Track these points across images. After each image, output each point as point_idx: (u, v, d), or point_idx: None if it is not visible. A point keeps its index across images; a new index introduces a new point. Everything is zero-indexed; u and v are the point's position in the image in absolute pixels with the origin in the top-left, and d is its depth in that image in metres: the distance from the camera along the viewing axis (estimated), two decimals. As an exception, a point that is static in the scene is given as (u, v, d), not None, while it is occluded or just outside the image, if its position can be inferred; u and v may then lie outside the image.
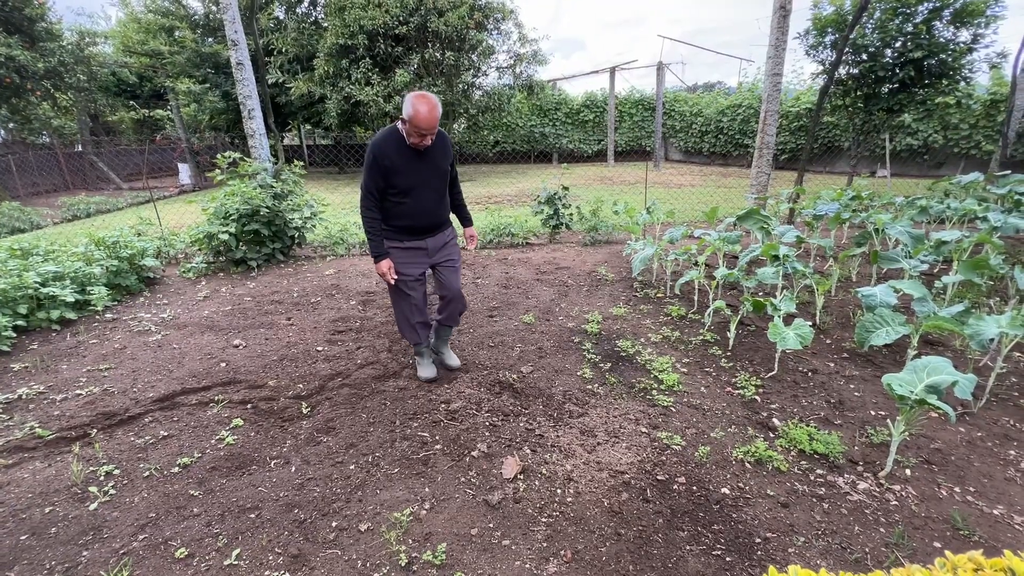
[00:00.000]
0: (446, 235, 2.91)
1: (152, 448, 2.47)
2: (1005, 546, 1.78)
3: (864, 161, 12.70)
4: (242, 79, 6.12)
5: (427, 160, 2.63)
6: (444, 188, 2.79)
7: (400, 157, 2.55)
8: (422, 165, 2.62)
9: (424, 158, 2.61)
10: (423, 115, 2.39)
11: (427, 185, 2.67)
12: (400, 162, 2.56)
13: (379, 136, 2.58)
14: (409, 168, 2.58)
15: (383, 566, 1.78)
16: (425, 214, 2.72)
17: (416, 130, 2.44)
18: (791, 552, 1.80)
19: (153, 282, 5.24)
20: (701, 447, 2.39)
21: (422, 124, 2.41)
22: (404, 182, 2.59)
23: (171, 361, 3.43)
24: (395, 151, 2.54)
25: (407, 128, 2.48)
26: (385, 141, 2.55)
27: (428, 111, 2.39)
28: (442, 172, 2.72)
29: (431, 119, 2.41)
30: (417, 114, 2.39)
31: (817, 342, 3.49)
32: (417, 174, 2.61)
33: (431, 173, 2.66)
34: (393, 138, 2.56)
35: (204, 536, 1.92)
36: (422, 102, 2.39)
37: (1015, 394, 2.79)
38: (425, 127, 2.42)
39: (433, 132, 2.50)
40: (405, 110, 2.44)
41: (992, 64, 7.89)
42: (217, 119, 16.76)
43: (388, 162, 2.54)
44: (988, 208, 5.08)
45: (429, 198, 2.70)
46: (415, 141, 2.51)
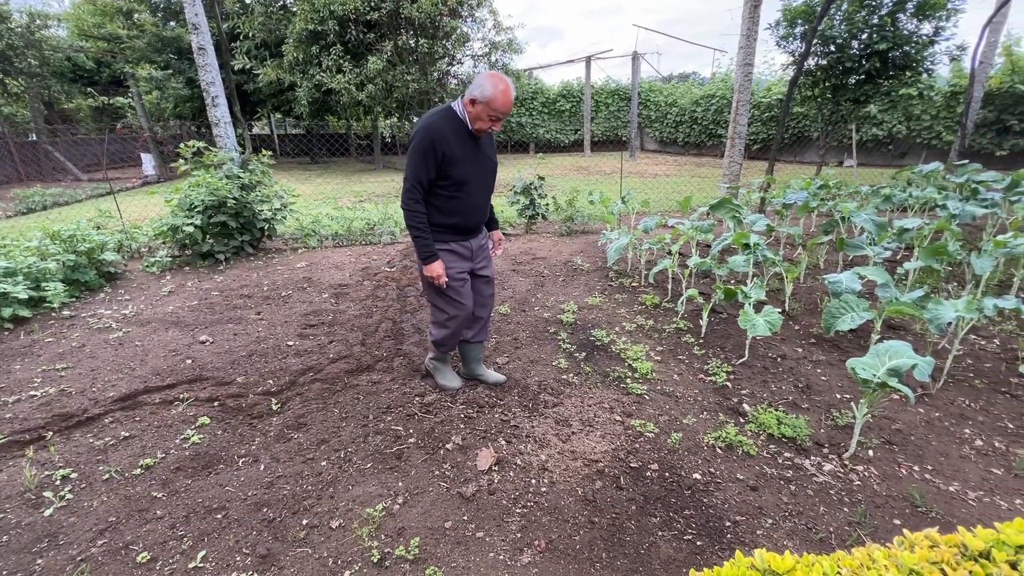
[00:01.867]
0: (483, 236, 2.64)
1: (112, 450, 2.38)
2: (960, 521, 1.86)
3: (832, 151, 13.03)
4: (204, 65, 5.88)
5: (483, 150, 2.37)
6: (493, 184, 2.52)
7: (460, 144, 2.25)
8: (478, 154, 2.34)
9: (480, 147, 2.35)
10: (505, 96, 2.13)
11: (482, 178, 2.40)
12: (459, 150, 2.25)
13: (434, 118, 2.23)
14: (467, 157, 2.28)
15: (355, 563, 1.75)
16: (477, 211, 2.44)
17: (494, 113, 2.18)
18: (759, 534, 1.84)
19: (114, 277, 5.03)
20: (674, 434, 2.42)
21: (501, 107, 2.15)
22: (461, 173, 2.28)
23: (133, 359, 3.30)
24: (455, 136, 2.23)
25: (478, 111, 2.19)
26: (444, 123, 2.22)
27: (508, 92, 2.14)
28: (494, 164, 2.48)
29: (510, 102, 2.17)
30: (498, 95, 2.12)
31: (786, 328, 3.57)
32: (474, 165, 2.33)
33: (487, 165, 2.41)
34: (453, 121, 2.25)
35: (168, 539, 1.86)
36: (502, 81, 2.13)
37: (971, 375, 2.90)
38: (504, 110, 2.17)
39: (505, 115, 2.23)
40: (479, 90, 2.16)
41: (952, 57, 8.13)
42: (181, 107, 16.12)
43: (447, 149, 2.21)
44: (947, 196, 5.26)
45: (482, 193, 2.43)
46: (483, 126, 2.23)
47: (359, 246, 6.19)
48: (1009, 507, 1.94)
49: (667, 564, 1.72)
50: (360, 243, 6.31)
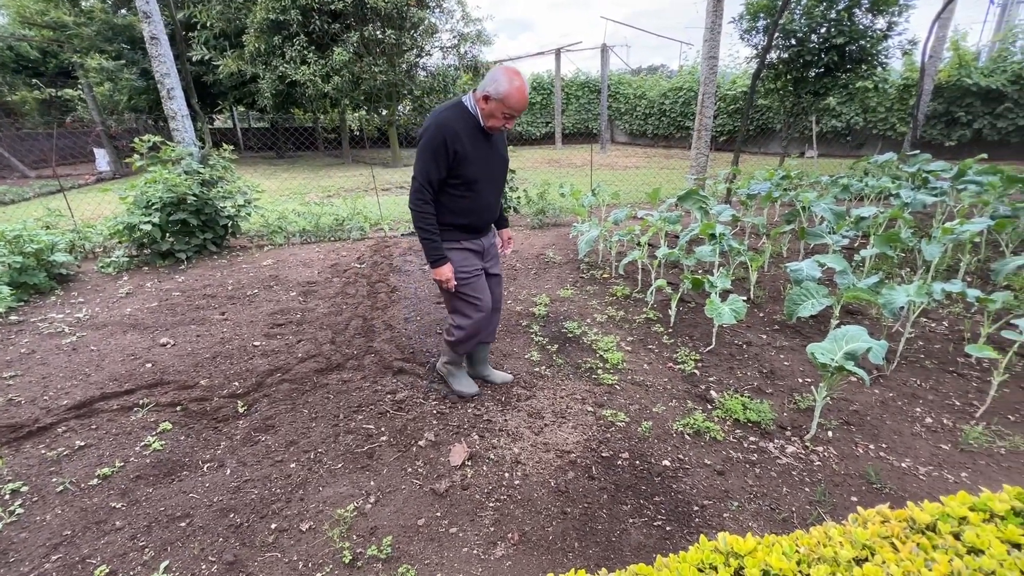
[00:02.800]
0: (492, 234, 2.58)
1: (67, 460, 2.28)
2: (911, 496, 1.95)
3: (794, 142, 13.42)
4: (158, 55, 5.62)
5: (495, 147, 2.28)
6: (504, 182, 2.48)
7: (472, 142, 2.16)
8: (490, 152, 2.26)
9: (492, 145, 2.27)
10: (520, 93, 2.03)
11: (493, 177, 2.32)
12: (471, 148, 2.16)
13: (446, 114, 2.13)
14: (479, 156, 2.20)
15: (326, 565, 1.72)
16: (488, 209, 2.36)
17: (508, 111, 2.08)
18: (726, 517, 1.90)
19: (66, 279, 4.79)
20: (644, 422, 2.47)
21: (516, 105, 2.05)
22: (472, 172, 2.19)
23: (88, 364, 3.16)
24: (468, 133, 2.14)
25: (491, 108, 2.10)
26: (456, 120, 2.12)
27: (524, 89, 2.04)
28: (505, 161, 2.41)
29: (526, 100, 2.07)
30: (513, 91, 2.02)
31: (751, 316, 3.67)
32: (486, 163, 2.24)
33: (498, 162, 2.33)
34: (465, 118, 2.15)
35: (128, 550, 1.80)
36: (518, 77, 2.03)
37: (921, 356, 3.05)
38: (519, 108, 2.07)
39: (520, 114, 2.14)
40: (493, 86, 2.05)
41: (904, 51, 8.45)
42: (137, 99, 15.39)
43: (460, 147, 2.12)
44: (900, 186, 5.48)
45: (493, 192, 2.35)
46: (496, 124, 2.14)
47: (328, 242, 6.07)
48: (956, 480, 2.05)
49: (637, 550, 1.75)
50: (329, 239, 6.18)
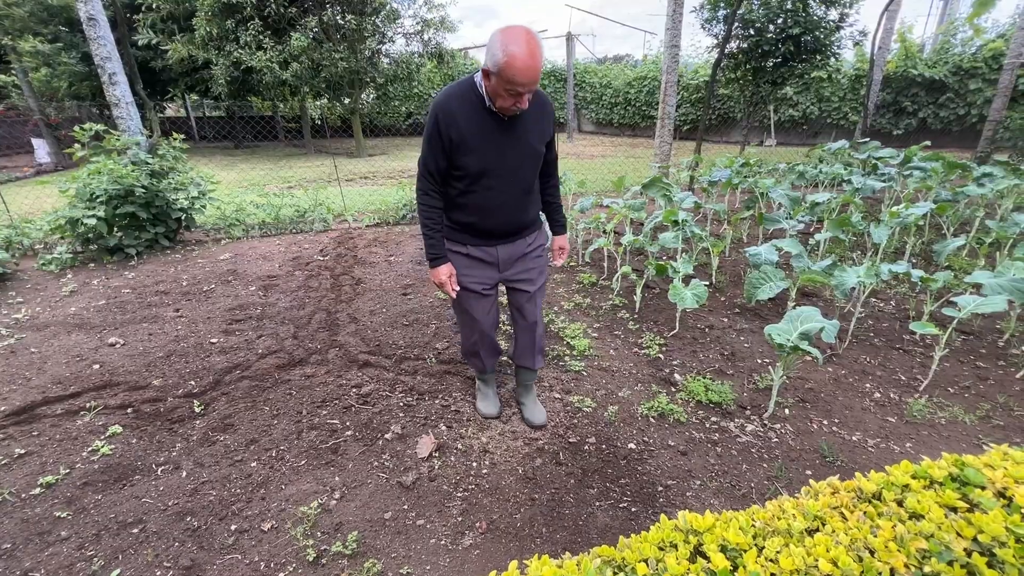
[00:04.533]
0: (528, 242, 2.06)
1: (5, 470, 2.14)
2: (860, 467, 2.05)
3: (754, 131, 13.80)
4: (97, 38, 5.27)
5: (515, 133, 1.79)
6: (534, 177, 1.92)
7: (474, 125, 1.75)
8: (505, 140, 1.79)
9: (510, 130, 1.79)
10: (521, 61, 1.53)
11: (510, 170, 1.83)
12: (474, 132, 1.75)
13: (445, 94, 1.76)
14: (486, 142, 1.77)
15: (288, 564, 1.68)
16: (501, 212, 1.91)
17: (509, 86, 1.59)
18: (689, 496, 1.95)
19: (3, 278, 4.48)
20: (610, 407, 2.50)
21: (519, 76, 1.55)
22: (476, 162, 1.79)
23: (29, 368, 2.97)
24: (467, 115, 1.73)
25: (493, 85, 1.64)
26: (453, 99, 1.74)
27: (528, 55, 1.53)
28: (534, 153, 1.86)
29: (532, 68, 1.56)
30: (512, 60, 1.53)
31: (713, 300, 3.76)
32: (497, 152, 1.79)
33: (519, 153, 1.82)
34: (467, 96, 1.74)
35: (75, 561, 1.70)
36: (517, 40, 1.53)
37: (871, 335, 3.20)
38: (523, 80, 1.57)
39: (532, 89, 1.63)
40: (489, 57, 1.60)
41: (856, 41, 8.78)
42: (78, 86, 14.44)
43: (455, 132, 1.74)
44: (852, 172, 5.71)
45: (510, 190, 1.87)
46: (505, 105, 1.66)
47: (289, 235, 5.88)
48: (901, 450, 2.17)
49: (604, 532, 1.78)
50: (290, 232, 5.99)
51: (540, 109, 1.85)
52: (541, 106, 1.86)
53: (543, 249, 2.17)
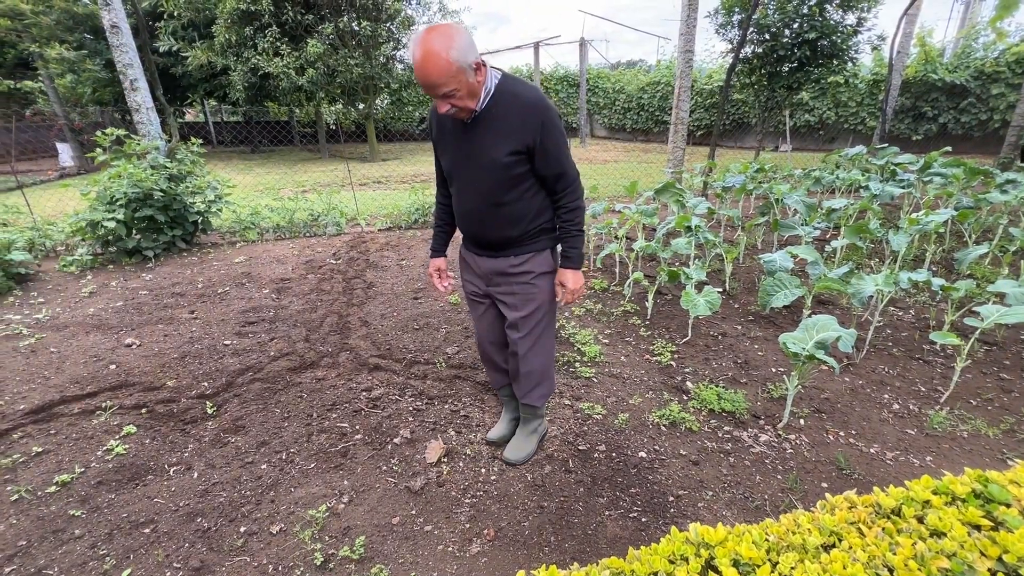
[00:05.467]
0: (513, 263, 1.83)
1: (23, 468, 2.18)
2: (879, 481, 2.00)
3: (769, 136, 13.65)
4: (119, 45, 5.40)
5: (474, 139, 1.65)
6: (503, 190, 1.69)
7: (446, 125, 1.71)
8: (465, 145, 1.68)
9: (470, 136, 1.65)
10: (414, 62, 1.47)
11: (468, 178, 1.73)
12: (445, 132, 1.73)
13: None
14: (454, 147, 1.72)
15: (296, 568, 1.68)
16: (468, 220, 1.83)
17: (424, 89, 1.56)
18: (700, 506, 1.91)
19: (25, 279, 4.59)
20: (620, 414, 2.47)
21: (416, 76, 1.49)
22: (446, 164, 1.78)
23: (48, 367, 3.03)
24: (447, 118, 1.67)
25: None
26: None
27: (417, 57, 1.45)
28: (492, 164, 1.64)
29: (419, 71, 1.46)
30: (413, 59, 1.48)
31: (726, 307, 3.71)
32: (461, 159, 1.71)
33: (476, 162, 1.67)
34: None
35: (88, 559, 1.72)
36: (414, 43, 1.47)
37: (889, 344, 3.12)
38: (421, 83, 1.49)
39: (436, 91, 1.49)
40: None
41: (874, 46, 8.65)
42: (101, 92, 14.82)
43: (435, 129, 1.77)
44: (870, 178, 5.61)
45: (473, 199, 1.75)
46: (439, 106, 1.56)
47: (302, 238, 5.94)
48: (921, 464, 2.11)
49: (613, 542, 1.75)
50: (304, 235, 6.06)
51: (520, 117, 1.59)
52: (522, 114, 1.59)
53: (537, 278, 1.85)
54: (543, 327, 1.95)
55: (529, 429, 2.22)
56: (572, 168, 1.72)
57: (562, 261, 1.85)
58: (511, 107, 1.59)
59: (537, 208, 1.77)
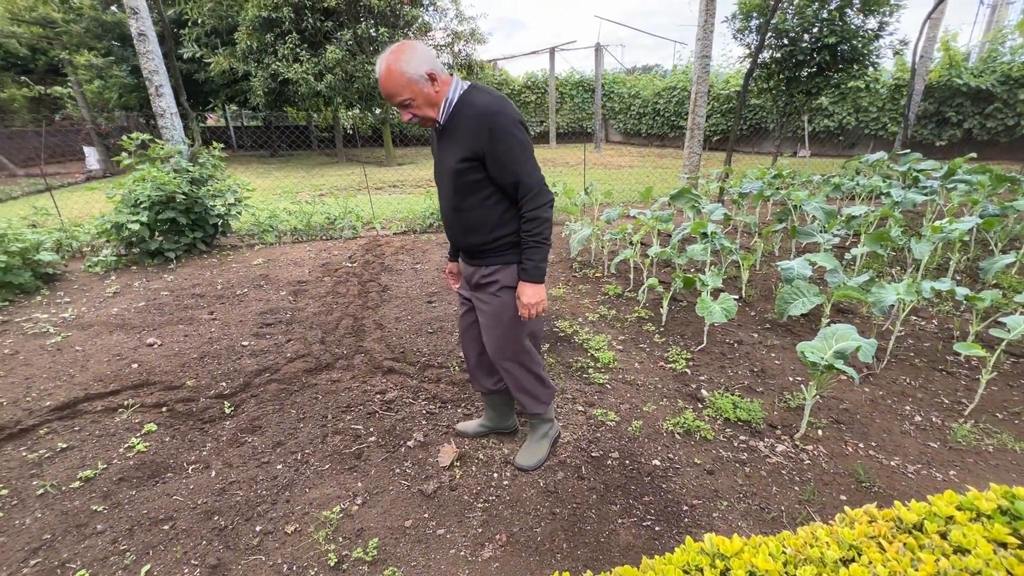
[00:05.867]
0: (482, 272, 1.86)
1: (48, 463, 2.24)
2: (900, 495, 1.95)
3: (787, 142, 13.48)
4: (146, 52, 5.55)
5: (442, 148, 1.75)
6: (460, 198, 1.74)
7: (433, 135, 1.84)
8: (438, 153, 1.80)
9: (441, 144, 1.76)
10: (377, 75, 1.61)
11: (439, 185, 1.85)
12: (433, 142, 1.87)
13: None
14: (434, 154, 1.86)
15: (310, 568, 1.70)
16: (445, 220, 1.89)
17: None
18: (715, 517, 1.89)
19: (52, 279, 4.72)
20: (634, 421, 2.46)
21: (379, 88, 1.64)
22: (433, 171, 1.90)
23: (73, 365, 3.11)
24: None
25: None
26: None
27: (378, 68, 1.60)
28: (450, 170, 1.70)
29: (380, 80, 1.59)
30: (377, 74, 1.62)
31: (742, 314, 3.67)
32: (435, 164, 1.85)
33: (440, 169, 1.79)
34: None
35: (109, 554, 1.76)
36: (379, 57, 1.60)
37: (911, 355, 3.06)
38: (381, 92, 1.65)
39: (393, 100, 1.62)
40: None
41: (895, 51, 8.50)
42: (127, 97, 15.23)
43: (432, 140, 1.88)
44: (891, 185, 5.51)
45: (442, 204, 1.86)
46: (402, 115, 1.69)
47: (319, 241, 6.02)
48: (944, 479, 2.05)
49: (626, 551, 1.74)
50: (320, 238, 6.14)
51: (470, 125, 1.64)
52: (472, 122, 1.63)
53: (502, 290, 1.84)
54: (514, 343, 1.94)
55: (538, 435, 2.21)
56: (530, 176, 1.68)
57: (519, 273, 1.80)
58: (466, 116, 1.65)
59: (499, 218, 1.76)
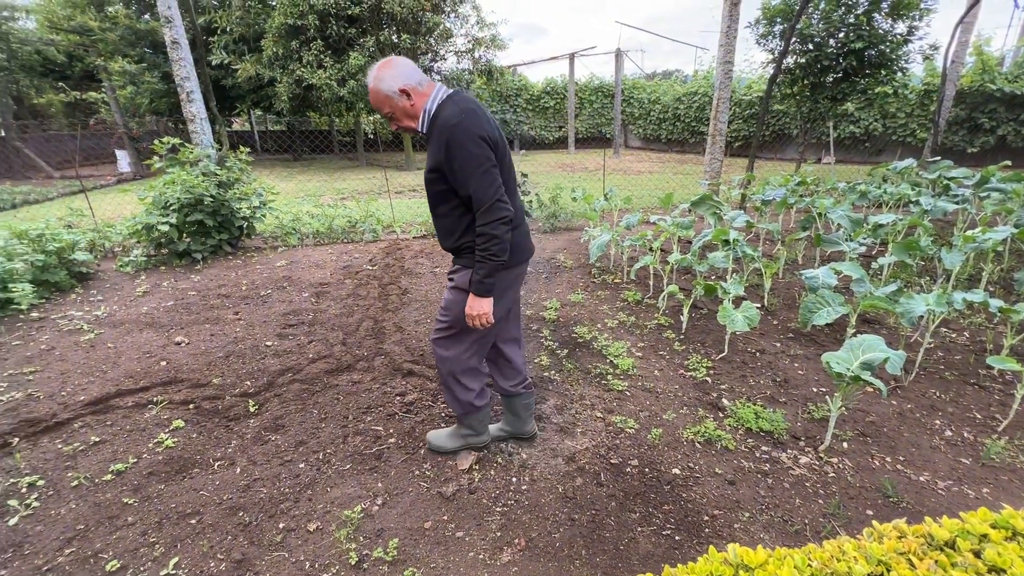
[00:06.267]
0: (452, 271, 2.02)
1: (82, 455, 2.32)
2: (929, 511, 1.90)
3: (811, 148, 13.25)
4: (178, 59, 5.73)
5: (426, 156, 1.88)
6: (434, 202, 1.88)
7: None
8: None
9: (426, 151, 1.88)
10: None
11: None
12: None
13: None
14: None
15: (332, 566, 1.73)
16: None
17: None
18: (736, 528, 1.87)
19: (86, 277, 4.89)
20: (654, 429, 2.44)
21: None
22: None
23: (105, 361, 3.21)
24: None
25: None
26: None
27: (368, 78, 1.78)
28: (425, 178, 1.84)
29: (369, 90, 1.78)
30: None
31: (765, 323, 3.62)
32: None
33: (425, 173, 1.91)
34: None
35: (139, 546, 1.82)
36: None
37: (941, 367, 2.97)
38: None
39: (380, 113, 1.82)
40: None
41: (925, 55, 8.31)
42: (158, 102, 15.74)
43: None
44: (920, 192, 5.38)
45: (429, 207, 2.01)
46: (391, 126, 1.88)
47: (340, 244, 6.12)
48: (976, 496, 1.99)
49: (645, 559, 1.73)
50: (342, 241, 6.24)
51: (434, 138, 1.75)
52: (435, 134, 1.74)
53: (455, 289, 1.95)
54: (450, 337, 2.01)
55: (459, 433, 2.27)
56: (483, 191, 1.69)
57: (471, 285, 1.82)
58: (433, 128, 1.77)
59: (466, 226, 1.85)
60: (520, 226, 1.94)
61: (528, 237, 2.02)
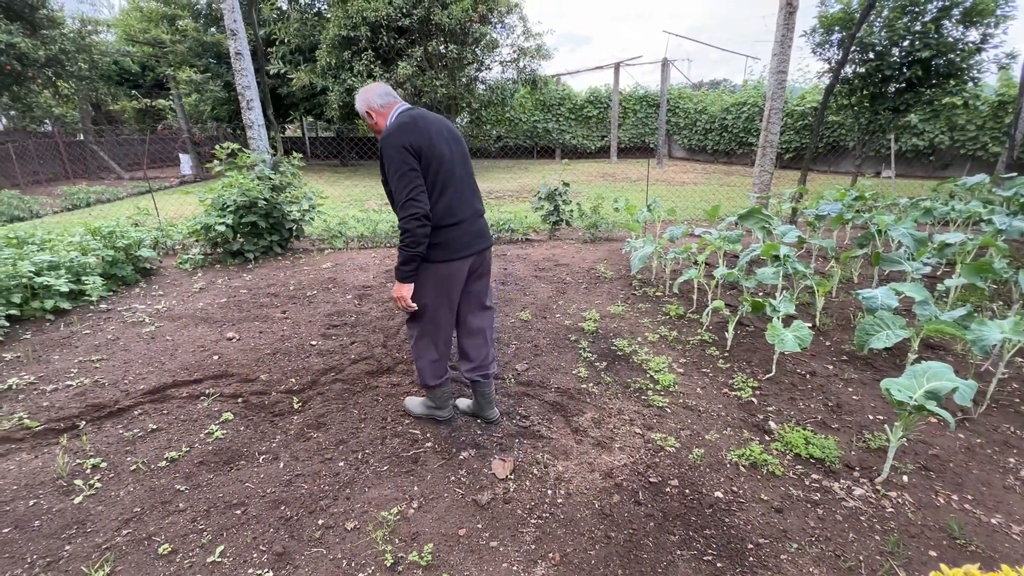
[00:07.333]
0: None
1: (140, 441, 2.45)
2: (1002, 557, 1.75)
3: (869, 161, 12.63)
4: (241, 69, 6.06)
5: None
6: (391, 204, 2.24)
7: None
8: None
9: None
10: None
11: None
12: None
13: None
14: None
15: (368, 566, 1.75)
16: None
17: None
18: (783, 559, 1.77)
19: (149, 273, 5.21)
20: (695, 449, 2.36)
21: None
22: None
23: (163, 353, 3.40)
24: None
25: None
26: None
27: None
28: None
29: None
30: None
31: (816, 344, 3.45)
32: None
33: None
34: None
35: (188, 532, 1.90)
36: None
37: (1016, 400, 2.75)
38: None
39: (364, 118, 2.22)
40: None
41: (1001, 65, 7.78)
42: (219, 109, 16.69)
43: None
44: (993, 211, 5.02)
45: None
46: None
47: (384, 248, 6.27)
48: (1058, 544, 1.82)
49: (685, 585, 1.66)
50: (385, 245, 6.39)
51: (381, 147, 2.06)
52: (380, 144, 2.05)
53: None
54: (407, 321, 2.40)
55: (427, 402, 2.59)
56: (400, 191, 2.01)
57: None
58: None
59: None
60: (459, 224, 2.14)
61: (474, 236, 2.22)
